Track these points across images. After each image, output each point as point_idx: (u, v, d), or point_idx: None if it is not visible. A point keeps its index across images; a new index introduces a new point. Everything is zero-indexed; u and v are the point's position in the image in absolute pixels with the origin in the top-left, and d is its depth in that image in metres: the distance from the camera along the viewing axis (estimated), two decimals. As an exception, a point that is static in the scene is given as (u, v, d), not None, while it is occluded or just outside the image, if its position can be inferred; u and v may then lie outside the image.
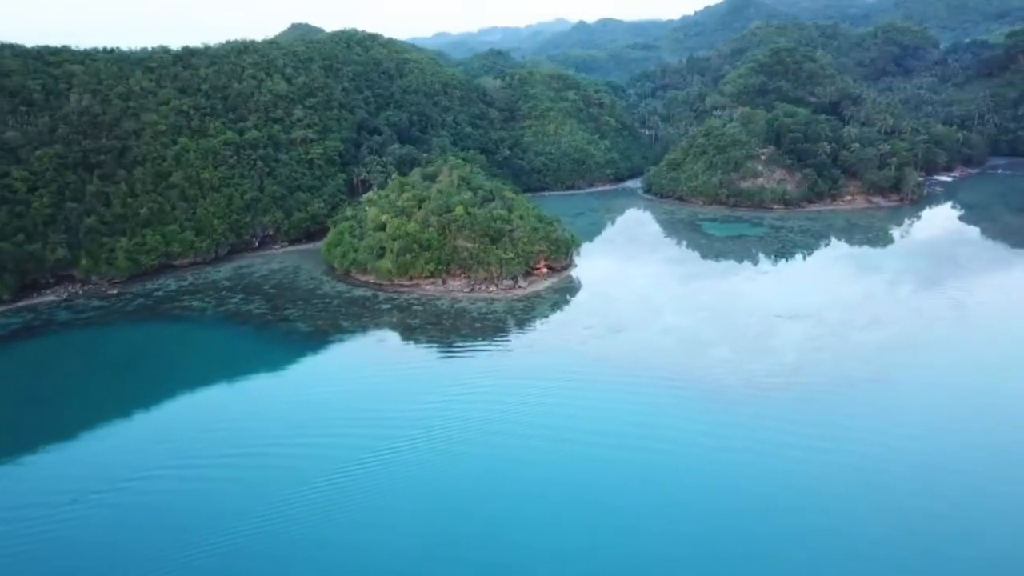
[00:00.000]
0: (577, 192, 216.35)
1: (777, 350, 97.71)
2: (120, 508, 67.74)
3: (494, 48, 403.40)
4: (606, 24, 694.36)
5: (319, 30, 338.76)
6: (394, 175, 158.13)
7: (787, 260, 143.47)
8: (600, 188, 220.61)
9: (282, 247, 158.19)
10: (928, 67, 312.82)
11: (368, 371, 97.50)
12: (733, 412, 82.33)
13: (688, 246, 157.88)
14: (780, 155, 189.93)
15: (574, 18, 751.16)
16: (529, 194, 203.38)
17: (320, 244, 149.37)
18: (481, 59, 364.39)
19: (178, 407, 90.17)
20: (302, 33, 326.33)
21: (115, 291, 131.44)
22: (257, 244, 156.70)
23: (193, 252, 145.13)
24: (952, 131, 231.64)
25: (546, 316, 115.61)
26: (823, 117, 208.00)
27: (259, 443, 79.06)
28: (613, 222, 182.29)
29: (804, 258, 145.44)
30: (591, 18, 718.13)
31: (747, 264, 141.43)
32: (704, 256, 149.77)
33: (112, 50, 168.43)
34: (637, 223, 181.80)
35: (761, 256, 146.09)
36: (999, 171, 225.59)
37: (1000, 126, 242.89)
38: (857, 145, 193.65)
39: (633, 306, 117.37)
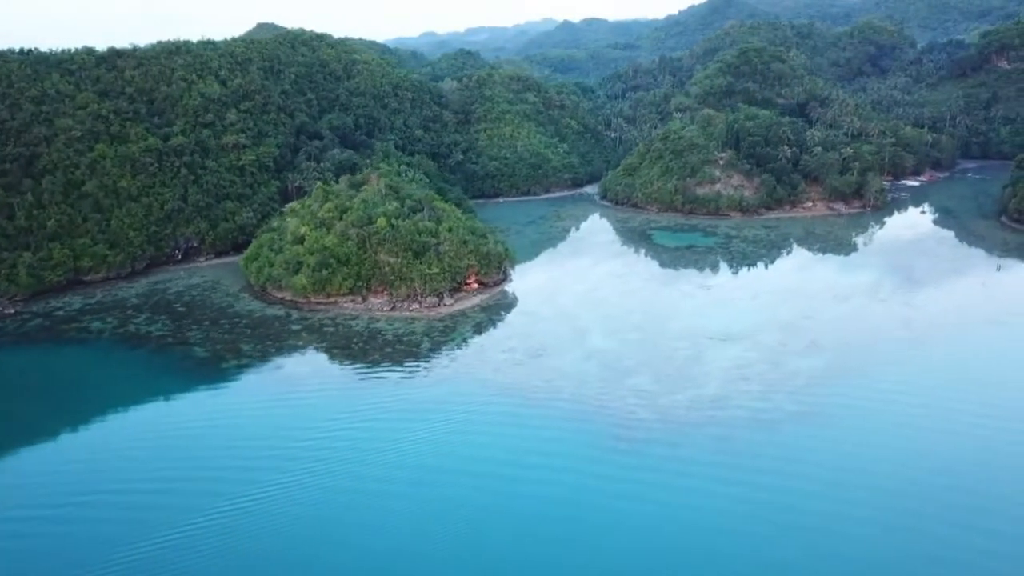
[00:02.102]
0: (533, 198, 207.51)
1: (702, 379, 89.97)
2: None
3: (464, 48, 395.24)
4: (591, 24, 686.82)
5: (286, 30, 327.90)
6: (324, 182, 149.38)
7: (733, 273, 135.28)
8: (557, 194, 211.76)
9: (207, 260, 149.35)
10: (903, 67, 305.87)
11: (253, 404, 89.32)
12: (641, 451, 74.84)
13: (634, 258, 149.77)
14: (739, 159, 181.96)
15: (561, 18, 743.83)
16: (482, 201, 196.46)
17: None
18: (450, 59, 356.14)
19: (38, 444, 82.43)
20: (266, 33, 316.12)
21: (13, 310, 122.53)
22: (180, 257, 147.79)
23: (106, 267, 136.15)
24: (922, 133, 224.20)
25: (465, 339, 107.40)
26: (786, 120, 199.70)
27: (108, 485, 72.11)
28: (562, 231, 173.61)
29: (751, 271, 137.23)
30: (578, 17, 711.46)
31: (690, 278, 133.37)
32: (648, 269, 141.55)
33: (28, 51, 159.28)
34: (587, 232, 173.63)
35: (707, 269, 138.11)
36: (969, 175, 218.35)
37: (971, 128, 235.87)
38: (819, 149, 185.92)
39: (561, 326, 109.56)
